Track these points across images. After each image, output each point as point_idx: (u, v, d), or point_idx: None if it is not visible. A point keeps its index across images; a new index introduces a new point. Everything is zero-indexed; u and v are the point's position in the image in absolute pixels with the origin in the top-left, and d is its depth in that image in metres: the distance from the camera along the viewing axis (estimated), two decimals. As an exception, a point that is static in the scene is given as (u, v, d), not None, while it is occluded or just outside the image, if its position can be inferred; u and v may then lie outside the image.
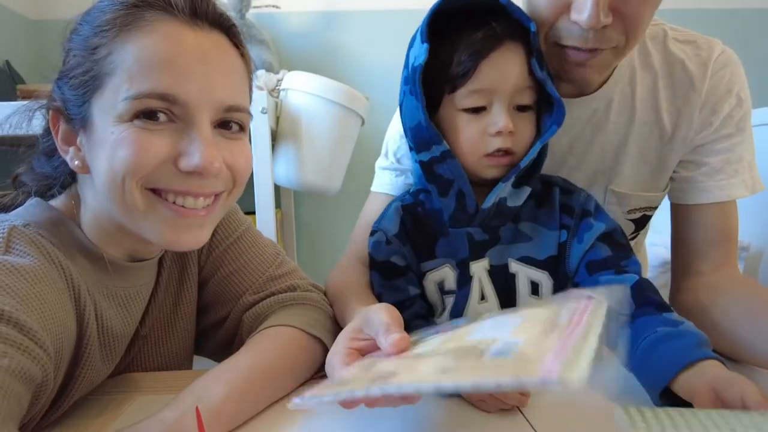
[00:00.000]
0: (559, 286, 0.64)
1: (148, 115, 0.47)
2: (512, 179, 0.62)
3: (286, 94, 1.38)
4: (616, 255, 0.61)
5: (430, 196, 0.67)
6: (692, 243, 0.74)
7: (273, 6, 1.58)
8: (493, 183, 0.62)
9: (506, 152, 0.60)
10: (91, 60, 0.48)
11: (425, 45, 0.59)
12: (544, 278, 0.64)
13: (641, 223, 0.81)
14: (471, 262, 0.65)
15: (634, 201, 0.77)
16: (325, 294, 0.71)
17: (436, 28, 0.61)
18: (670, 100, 0.72)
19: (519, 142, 0.60)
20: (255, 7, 1.53)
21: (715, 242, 0.73)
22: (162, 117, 0.48)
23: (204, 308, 0.70)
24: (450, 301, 0.66)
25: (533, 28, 0.60)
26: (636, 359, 0.51)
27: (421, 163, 0.64)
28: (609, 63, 0.65)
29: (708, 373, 0.45)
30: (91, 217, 0.54)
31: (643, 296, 0.56)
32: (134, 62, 0.46)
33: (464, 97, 0.60)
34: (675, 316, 0.54)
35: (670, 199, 0.79)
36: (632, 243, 0.80)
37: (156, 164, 0.48)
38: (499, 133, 0.59)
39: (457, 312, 0.65)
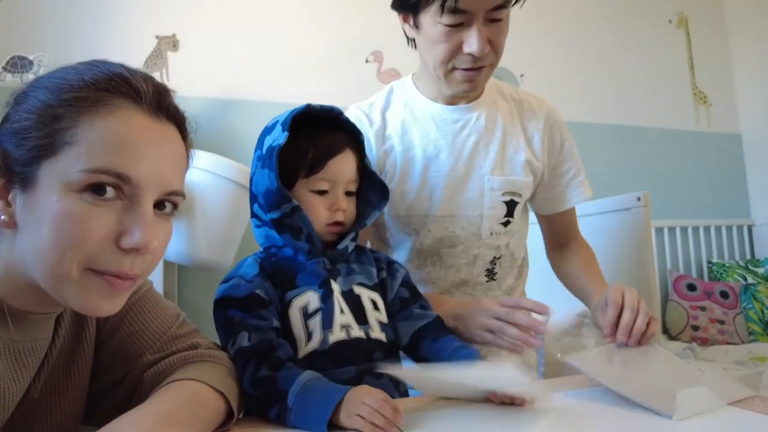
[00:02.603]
0: (387, 306, 0.84)
1: (96, 189, 0.50)
2: (353, 236, 0.84)
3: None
4: (414, 294, 0.88)
5: (280, 249, 0.80)
6: (557, 233, 1.20)
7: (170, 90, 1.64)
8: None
9: (338, 223, 0.81)
10: (51, 127, 0.50)
11: (285, 133, 0.76)
12: (377, 297, 0.82)
13: (511, 207, 1.08)
14: (331, 280, 0.79)
15: (505, 185, 1.06)
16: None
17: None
18: (520, 117, 1.09)
19: (347, 216, 0.82)
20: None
21: (570, 229, 1.19)
22: (110, 192, 0.51)
23: (100, 370, 0.68)
24: (315, 322, 0.75)
25: (362, 138, 0.85)
26: (448, 359, 0.78)
27: (273, 220, 0.78)
28: (487, 76, 0.99)
29: None
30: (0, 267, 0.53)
31: (442, 326, 0.85)
32: (97, 139, 0.50)
33: (315, 182, 0.80)
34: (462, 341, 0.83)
35: (539, 211, 1.17)
36: (508, 233, 1.09)
37: (98, 241, 0.50)
38: (337, 210, 0.80)
39: (326, 323, 0.75)
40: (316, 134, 0.80)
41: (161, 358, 0.67)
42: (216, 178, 1.38)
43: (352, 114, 1.07)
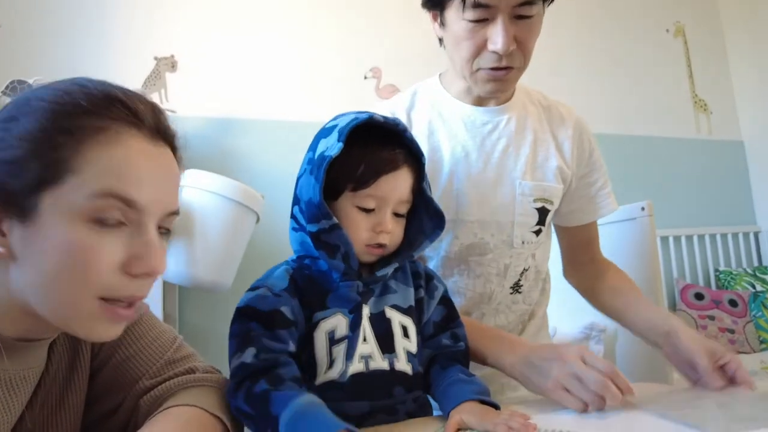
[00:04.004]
0: (419, 332, 0.79)
1: (100, 221, 0.50)
2: (395, 265, 0.78)
3: (181, 191, 1.40)
4: (449, 315, 0.82)
5: (314, 261, 0.75)
6: (577, 247, 1.14)
7: (169, 111, 1.64)
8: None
9: (381, 246, 0.75)
10: (51, 157, 0.49)
11: (340, 144, 0.70)
12: (409, 322, 0.77)
13: (543, 215, 1.04)
14: (363, 304, 0.74)
15: (536, 191, 1.02)
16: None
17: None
18: (549, 124, 1.07)
19: (392, 240, 0.76)
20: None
21: (592, 243, 1.14)
22: (113, 219, 0.50)
23: (95, 398, 0.66)
24: (340, 349, 0.71)
25: (424, 160, 0.78)
26: (441, 391, 0.74)
27: (311, 233, 0.73)
28: (515, 78, 0.95)
29: (463, 408, 0.68)
30: None
31: (461, 359, 0.80)
32: (101, 166, 0.49)
33: (362, 198, 0.74)
34: (471, 374, 0.78)
35: (562, 223, 1.12)
36: (538, 243, 1.05)
37: (109, 270, 0.50)
38: (381, 232, 0.74)
39: (350, 353, 0.70)
40: (372, 146, 0.74)
41: (158, 383, 0.65)
42: (215, 198, 1.37)
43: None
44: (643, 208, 1.49)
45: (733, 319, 2.37)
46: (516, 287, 1.06)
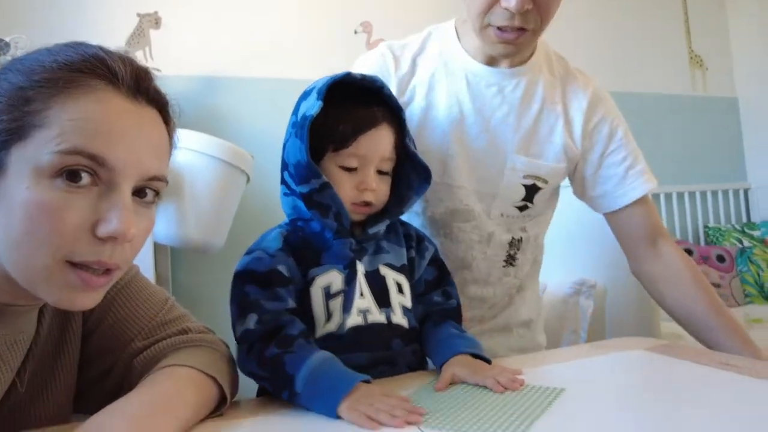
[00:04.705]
0: (412, 288, 0.80)
1: (70, 176, 0.47)
2: (386, 222, 0.79)
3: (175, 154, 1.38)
4: (440, 275, 0.84)
5: (306, 223, 0.76)
6: (629, 235, 0.99)
7: (154, 69, 1.59)
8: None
9: (367, 204, 0.75)
10: (21, 110, 0.47)
11: (319, 102, 0.71)
12: (403, 280, 0.78)
13: (531, 192, 0.97)
14: (356, 261, 0.75)
15: (529, 168, 0.95)
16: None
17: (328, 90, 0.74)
18: (563, 95, 0.97)
19: (378, 197, 0.77)
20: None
21: (644, 228, 0.98)
22: (85, 178, 0.48)
23: (88, 361, 0.66)
24: (336, 303, 0.73)
25: (403, 115, 0.78)
26: (434, 346, 0.76)
27: (302, 194, 0.73)
28: (530, 42, 0.87)
29: (455, 361, 0.70)
30: None
31: (453, 316, 0.81)
32: (70, 121, 0.47)
33: (344, 157, 0.74)
34: (463, 328, 0.80)
35: (599, 211, 1.01)
36: (525, 217, 0.99)
37: (73, 231, 0.47)
38: (365, 190, 0.74)
39: (347, 306, 0.72)
40: (349, 105, 0.74)
41: (150, 344, 0.65)
42: (203, 158, 1.35)
43: (379, 52, 0.97)
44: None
45: (720, 274, 2.41)
46: (510, 260, 1.02)
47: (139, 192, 0.53)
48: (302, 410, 0.62)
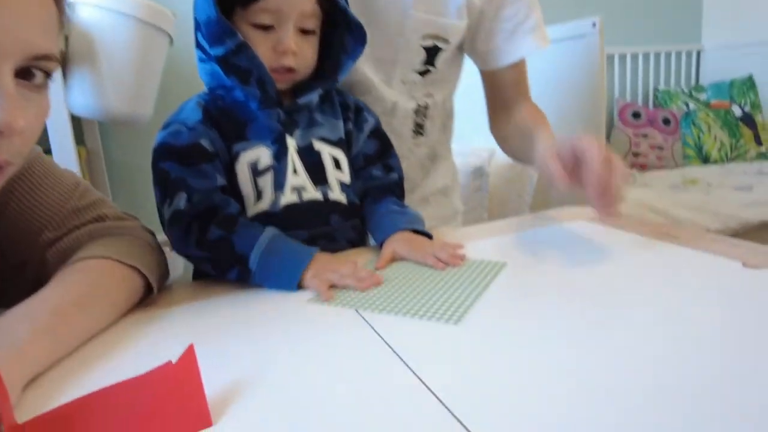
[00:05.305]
0: (351, 163, 0.75)
1: None
2: (318, 91, 0.71)
3: (74, 9, 1.19)
4: (381, 149, 0.78)
5: (228, 91, 0.69)
6: (498, 94, 0.96)
7: None
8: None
9: (289, 70, 0.67)
10: None
11: None
12: (340, 154, 0.73)
13: (432, 54, 0.89)
14: (286, 135, 0.69)
15: (428, 27, 0.86)
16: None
17: None
18: None
19: (302, 62, 0.68)
20: None
21: (515, 88, 0.95)
22: None
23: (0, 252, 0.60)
24: (266, 180, 0.68)
25: None
26: (374, 223, 0.73)
27: (217, 58, 0.65)
28: None
29: (395, 238, 0.68)
30: None
31: (394, 190, 0.77)
32: None
33: (255, 13, 0.64)
34: (404, 204, 0.76)
35: (481, 67, 0.95)
36: (428, 83, 0.92)
37: None
38: (284, 52, 0.65)
39: (278, 184, 0.68)
40: None
41: (62, 234, 0.59)
42: (116, 17, 1.17)
43: None
44: (594, 24, 1.41)
45: (664, 136, 2.46)
46: (418, 129, 0.96)
47: (24, 74, 0.43)
48: (240, 292, 0.60)
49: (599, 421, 0.31)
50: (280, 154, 0.68)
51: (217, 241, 0.61)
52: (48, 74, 0.47)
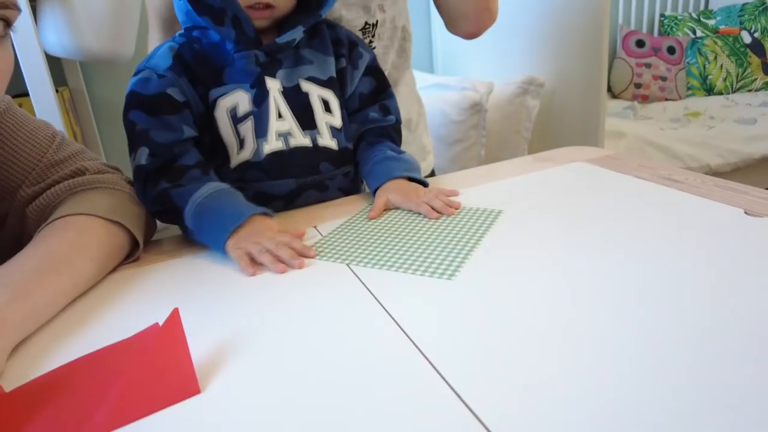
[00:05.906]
0: (343, 105, 0.71)
1: None
2: (300, 28, 0.65)
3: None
4: (378, 87, 0.74)
5: (204, 32, 0.64)
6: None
7: None
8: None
9: (267, 6, 0.62)
10: None
11: None
12: (330, 96, 0.69)
13: None
14: (266, 77, 0.65)
15: None
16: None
17: None
18: None
19: None
20: None
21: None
22: None
23: None
24: (246, 128, 0.65)
25: None
26: (368, 170, 0.70)
27: None
28: None
29: (389, 186, 0.66)
30: None
31: (391, 134, 0.74)
32: None
33: None
34: (401, 150, 0.73)
35: None
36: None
37: None
38: None
39: (260, 131, 0.65)
40: None
41: (41, 190, 0.57)
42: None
43: None
44: (600, -54, 1.31)
45: (668, 66, 2.38)
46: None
47: None
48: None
49: (594, 378, 0.30)
50: (259, 99, 0.64)
51: (161, 194, 0.59)
52: (8, 23, 0.43)
